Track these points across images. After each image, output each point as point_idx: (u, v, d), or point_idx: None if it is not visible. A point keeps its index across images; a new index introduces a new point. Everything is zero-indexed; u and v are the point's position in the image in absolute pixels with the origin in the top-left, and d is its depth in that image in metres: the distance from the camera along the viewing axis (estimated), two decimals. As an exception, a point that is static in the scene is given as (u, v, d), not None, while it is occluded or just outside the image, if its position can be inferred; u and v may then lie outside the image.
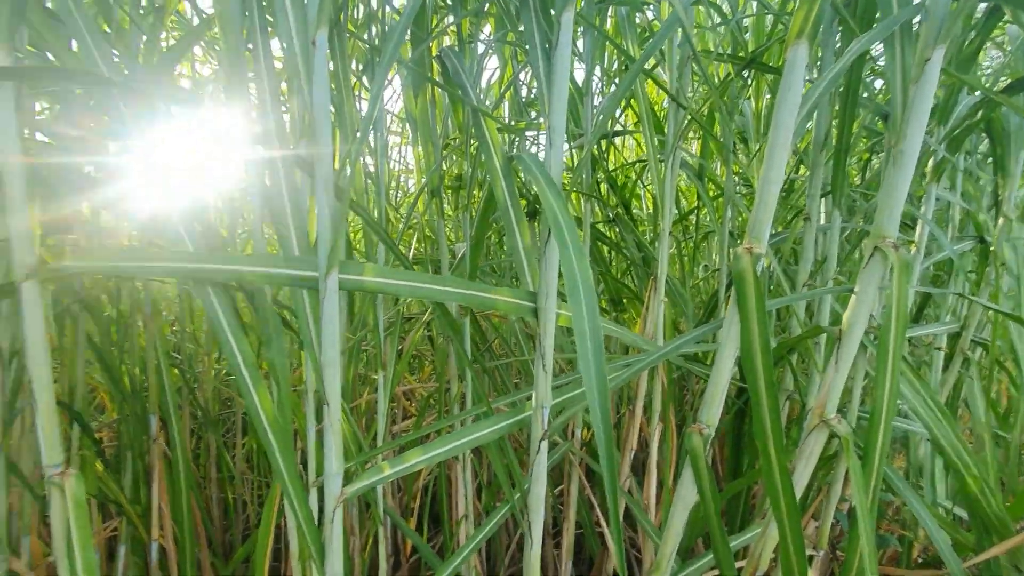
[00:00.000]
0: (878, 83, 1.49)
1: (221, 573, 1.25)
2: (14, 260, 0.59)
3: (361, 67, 1.01)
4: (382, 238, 0.86)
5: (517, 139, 1.31)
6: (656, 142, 1.11)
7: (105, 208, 0.87)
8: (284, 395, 0.65)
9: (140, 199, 0.64)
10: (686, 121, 1.07)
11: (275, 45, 0.64)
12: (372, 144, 1.01)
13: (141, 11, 0.95)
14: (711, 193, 1.65)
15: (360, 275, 0.61)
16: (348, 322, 1.15)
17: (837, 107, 0.89)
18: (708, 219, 1.71)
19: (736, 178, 1.49)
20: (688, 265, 1.71)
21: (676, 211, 1.72)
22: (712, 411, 0.66)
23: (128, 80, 0.62)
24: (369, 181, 1.13)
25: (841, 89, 0.87)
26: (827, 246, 1.09)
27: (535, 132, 1.33)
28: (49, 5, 0.64)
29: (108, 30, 0.91)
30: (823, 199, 1.10)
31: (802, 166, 1.45)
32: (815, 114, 1.02)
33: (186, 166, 0.68)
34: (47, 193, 0.90)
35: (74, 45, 0.62)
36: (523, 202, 1.02)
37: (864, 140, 1.41)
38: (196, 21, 1.17)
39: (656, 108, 1.80)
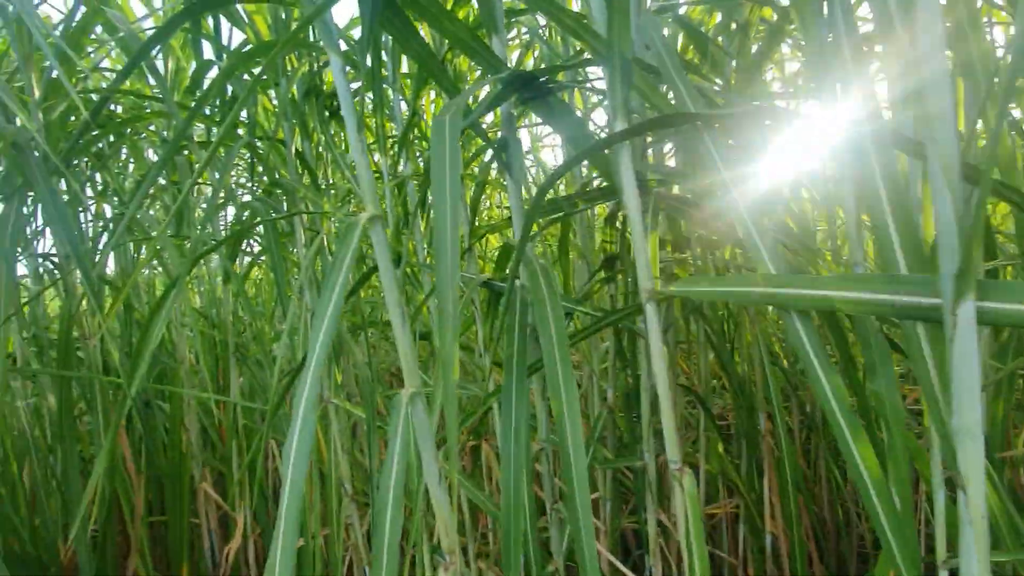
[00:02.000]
0: None
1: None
2: (640, 285, 0.72)
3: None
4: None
5: None
6: None
7: (708, 226, 0.97)
8: (896, 440, 0.53)
9: (731, 214, 0.66)
10: None
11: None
12: None
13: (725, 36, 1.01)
14: None
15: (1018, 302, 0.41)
16: (992, 339, 0.87)
17: None
18: None
19: None
20: None
21: None
22: None
23: (702, 112, 0.65)
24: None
25: None
26: None
27: None
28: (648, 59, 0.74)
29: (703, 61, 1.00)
30: None
31: None
32: None
33: (773, 173, 0.67)
34: (668, 220, 1.08)
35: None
36: None
37: None
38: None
39: None
